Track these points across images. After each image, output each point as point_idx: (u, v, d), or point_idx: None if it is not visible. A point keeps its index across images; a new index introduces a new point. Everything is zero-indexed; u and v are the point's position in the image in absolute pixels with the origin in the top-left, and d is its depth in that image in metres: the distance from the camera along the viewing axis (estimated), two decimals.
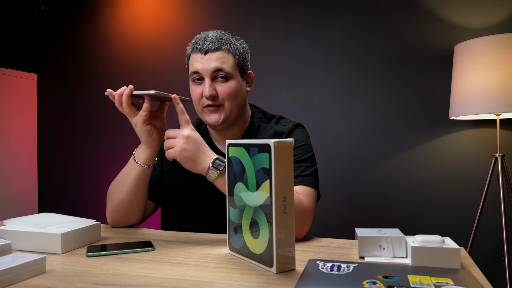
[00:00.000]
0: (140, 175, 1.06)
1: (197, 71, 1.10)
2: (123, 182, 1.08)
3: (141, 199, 1.10)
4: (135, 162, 1.06)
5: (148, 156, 1.05)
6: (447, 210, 1.98)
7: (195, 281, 0.67)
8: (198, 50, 1.11)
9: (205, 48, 1.09)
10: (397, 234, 0.80)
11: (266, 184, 0.71)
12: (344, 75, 2.14)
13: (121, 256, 0.82)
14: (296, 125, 1.20)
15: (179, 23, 2.42)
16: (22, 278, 0.68)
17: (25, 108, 2.60)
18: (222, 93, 1.10)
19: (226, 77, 1.10)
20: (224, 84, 1.10)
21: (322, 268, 0.68)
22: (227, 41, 1.11)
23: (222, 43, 1.10)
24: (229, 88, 1.10)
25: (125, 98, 0.99)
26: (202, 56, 1.10)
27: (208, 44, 1.09)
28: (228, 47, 1.11)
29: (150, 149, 1.05)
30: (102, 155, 2.56)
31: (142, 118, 1.00)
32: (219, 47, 1.10)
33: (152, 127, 1.04)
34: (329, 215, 2.12)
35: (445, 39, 1.99)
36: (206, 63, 1.09)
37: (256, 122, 1.22)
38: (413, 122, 2.04)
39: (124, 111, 1.01)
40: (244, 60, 1.16)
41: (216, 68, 1.08)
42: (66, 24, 2.65)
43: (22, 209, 2.54)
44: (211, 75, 1.09)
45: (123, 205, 1.08)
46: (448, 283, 0.60)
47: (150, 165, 1.07)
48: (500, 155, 1.72)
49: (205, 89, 1.09)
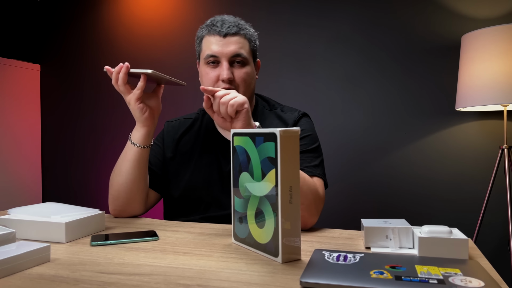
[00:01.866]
0: (137, 156, 1.06)
1: (214, 54, 1.09)
2: (121, 165, 1.08)
3: (141, 184, 1.09)
4: (131, 143, 1.06)
5: (143, 135, 1.06)
6: (453, 202, 1.97)
7: (200, 270, 0.66)
8: (217, 32, 1.09)
9: (224, 31, 1.08)
10: (404, 225, 0.79)
11: (271, 173, 0.70)
12: (349, 66, 2.12)
13: (126, 245, 0.81)
14: (302, 114, 1.20)
15: (183, 13, 2.40)
16: (26, 267, 0.67)
17: (28, 99, 2.59)
18: (238, 78, 1.10)
19: (243, 62, 1.11)
20: (241, 69, 1.10)
21: (328, 258, 0.68)
22: (244, 26, 1.12)
23: (240, 27, 1.11)
24: (245, 74, 1.11)
25: (121, 75, 1.00)
26: (220, 38, 1.09)
27: (227, 28, 1.09)
28: (245, 32, 1.12)
29: (144, 128, 1.06)
30: (106, 146, 2.55)
31: (136, 96, 1.01)
32: (238, 32, 1.10)
33: (145, 106, 1.04)
34: (334, 206, 2.12)
35: (452, 29, 1.96)
36: (225, 46, 1.08)
37: (260, 109, 1.22)
38: (419, 114, 2.02)
39: (119, 89, 1.02)
40: (257, 47, 1.17)
41: (235, 53, 1.09)
42: (69, 14, 2.63)
43: (26, 200, 2.55)
44: (230, 59, 1.09)
45: (122, 191, 1.07)
46: (457, 274, 0.60)
47: (146, 145, 1.07)
48: (507, 147, 1.70)
49: (223, 71, 1.08)
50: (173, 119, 1.28)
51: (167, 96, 2.39)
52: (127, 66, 0.99)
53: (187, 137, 1.22)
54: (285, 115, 1.19)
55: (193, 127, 1.23)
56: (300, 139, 1.11)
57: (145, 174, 1.10)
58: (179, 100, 2.38)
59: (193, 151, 1.19)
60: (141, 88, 1.01)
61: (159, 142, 1.24)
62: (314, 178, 1.05)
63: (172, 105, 2.38)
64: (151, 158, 1.19)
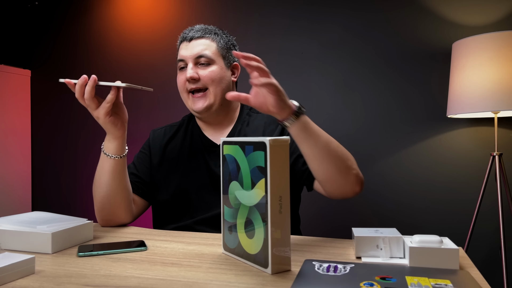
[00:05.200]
0: (114, 167, 1.03)
1: (181, 58, 1.15)
2: (100, 178, 1.05)
3: (123, 193, 1.07)
4: (106, 155, 1.03)
5: (117, 146, 1.03)
6: (444, 209, 1.97)
7: (188, 283, 0.65)
8: (184, 39, 1.16)
9: (190, 36, 1.15)
10: (395, 234, 0.78)
11: (261, 183, 0.69)
12: (341, 72, 2.12)
13: (113, 256, 0.80)
14: None
15: (175, 18, 2.39)
16: (10, 279, 0.66)
17: (18, 104, 2.57)
18: (204, 76, 1.12)
19: (208, 63, 1.13)
20: (206, 68, 1.13)
21: (318, 269, 0.67)
22: (211, 31, 1.17)
23: (207, 32, 1.16)
24: (211, 72, 1.13)
25: (88, 89, 0.93)
26: (187, 44, 1.15)
27: (193, 33, 1.16)
28: (212, 36, 1.16)
29: (117, 140, 1.02)
30: (96, 153, 2.53)
31: (105, 110, 0.96)
32: (203, 35, 1.15)
33: (115, 117, 1.00)
34: (325, 214, 2.11)
35: (443, 36, 1.98)
36: (189, 50, 1.14)
37: (246, 112, 1.23)
38: (411, 120, 2.03)
39: (84, 103, 0.95)
40: (228, 50, 1.18)
41: (198, 54, 1.13)
42: (60, 19, 2.61)
43: (16, 208, 2.51)
44: (194, 60, 1.13)
45: (106, 202, 1.06)
46: (447, 285, 0.59)
47: (122, 154, 1.04)
48: (498, 154, 1.71)
49: (187, 71, 1.12)
50: (158, 128, 1.29)
51: (160, 101, 2.38)
52: (95, 80, 0.93)
53: (173, 143, 1.22)
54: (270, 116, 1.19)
55: (178, 133, 1.25)
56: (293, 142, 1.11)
57: (126, 183, 1.08)
58: (171, 105, 2.37)
59: (180, 156, 1.20)
60: (111, 102, 0.95)
61: (146, 150, 1.24)
62: None
63: (165, 110, 2.37)
64: (139, 166, 1.20)
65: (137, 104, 2.41)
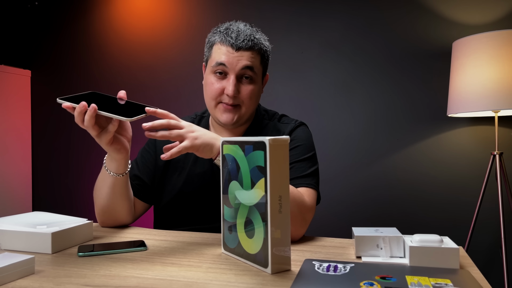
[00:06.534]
0: (115, 183, 1.00)
1: (224, 64, 1.05)
2: (101, 189, 1.03)
3: (124, 203, 1.05)
4: (108, 172, 0.99)
5: (119, 166, 0.98)
6: (444, 208, 1.97)
7: (188, 282, 0.65)
8: (230, 44, 1.05)
9: (238, 44, 1.04)
10: (395, 234, 0.78)
11: (261, 182, 0.69)
12: (341, 71, 2.12)
13: (113, 256, 0.80)
14: (298, 124, 1.17)
15: (175, 19, 2.39)
16: (10, 279, 0.66)
17: (19, 105, 2.57)
18: (244, 94, 1.07)
19: (251, 79, 1.07)
20: (248, 86, 1.07)
21: (318, 269, 0.67)
22: (259, 40, 1.08)
23: (255, 42, 1.06)
24: (252, 91, 1.08)
25: (87, 118, 0.84)
26: (232, 51, 1.04)
27: (241, 41, 1.04)
28: (260, 47, 1.08)
29: (119, 161, 0.97)
30: (97, 153, 2.53)
31: (106, 139, 0.89)
32: (252, 47, 1.06)
33: (117, 143, 0.93)
34: (325, 213, 2.11)
35: (444, 35, 1.98)
36: (235, 59, 1.04)
37: (260, 120, 1.19)
38: (411, 119, 2.02)
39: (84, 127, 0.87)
40: (268, 61, 1.14)
41: (245, 66, 1.05)
42: (60, 20, 2.62)
43: (16, 208, 2.52)
44: (238, 73, 1.05)
45: (107, 210, 1.04)
46: (447, 284, 0.59)
47: (123, 173, 0.99)
48: (498, 153, 1.70)
49: (229, 87, 1.04)
50: None
51: (159, 103, 2.38)
52: (95, 109, 0.83)
53: None
54: (282, 126, 1.17)
55: None
56: (293, 148, 1.10)
57: (127, 194, 1.05)
58: (170, 107, 2.37)
59: (186, 159, 1.15)
60: (112, 131, 0.88)
61: (151, 149, 1.18)
62: (302, 188, 1.02)
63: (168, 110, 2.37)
64: (142, 167, 1.16)
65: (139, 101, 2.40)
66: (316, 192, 1.05)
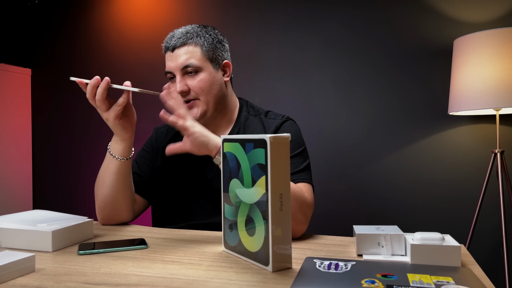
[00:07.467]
0: (119, 168, 1.03)
1: (169, 70, 1.10)
2: (104, 178, 1.05)
3: (126, 194, 1.07)
4: (112, 156, 1.02)
5: (124, 148, 1.02)
6: (445, 206, 1.97)
7: (189, 280, 0.65)
8: (167, 48, 1.11)
9: (171, 45, 1.09)
10: (396, 232, 0.78)
11: (262, 180, 0.69)
12: (341, 70, 2.12)
13: (114, 254, 0.80)
14: (285, 119, 1.17)
15: (176, 17, 2.39)
16: (10, 278, 0.66)
17: (19, 103, 2.57)
18: (193, 87, 1.09)
19: (195, 71, 1.09)
20: (194, 78, 1.09)
21: (320, 267, 0.67)
22: (193, 34, 1.10)
23: (188, 37, 1.09)
24: (200, 82, 1.09)
25: (100, 91, 0.92)
26: (171, 54, 1.10)
27: (174, 41, 1.09)
28: (195, 40, 1.10)
29: (125, 142, 1.02)
30: (97, 151, 2.53)
31: (116, 113, 0.95)
32: (185, 42, 1.09)
33: (124, 120, 0.99)
34: (326, 212, 2.11)
35: (445, 33, 1.97)
36: (174, 61, 1.09)
37: (244, 115, 1.19)
38: (412, 118, 2.02)
39: (95, 105, 0.94)
40: (215, 50, 1.12)
41: (183, 65, 1.08)
42: (61, 18, 2.61)
43: (16, 206, 2.52)
44: (181, 71, 1.09)
45: (108, 202, 1.05)
46: (449, 282, 0.59)
47: (128, 156, 1.03)
48: (500, 151, 1.70)
49: (176, 85, 1.08)
50: (161, 125, 1.27)
51: (161, 100, 2.38)
52: (108, 82, 0.92)
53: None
54: (268, 121, 1.17)
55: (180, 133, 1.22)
56: None
57: (130, 183, 1.08)
58: None
59: (179, 158, 1.17)
60: (123, 105, 0.95)
61: (148, 149, 1.22)
62: (300, 183, 1.03)
63: None
64: (141, 165, 1.19)
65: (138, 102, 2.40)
66: (312, 187, 1.06)
